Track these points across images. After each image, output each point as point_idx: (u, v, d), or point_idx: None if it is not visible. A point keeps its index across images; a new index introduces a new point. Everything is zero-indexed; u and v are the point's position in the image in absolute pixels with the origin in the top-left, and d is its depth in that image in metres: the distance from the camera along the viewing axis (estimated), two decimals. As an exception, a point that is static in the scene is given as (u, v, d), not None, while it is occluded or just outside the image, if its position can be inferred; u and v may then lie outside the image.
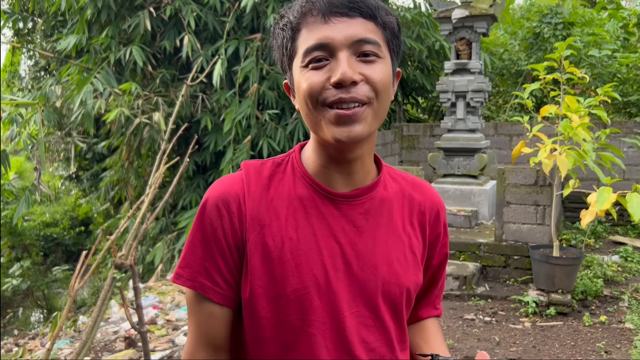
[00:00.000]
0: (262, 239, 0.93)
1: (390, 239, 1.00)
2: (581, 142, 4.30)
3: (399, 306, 1.00)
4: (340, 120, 0.87)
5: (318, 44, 0.88)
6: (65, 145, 9.39)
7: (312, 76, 0.88)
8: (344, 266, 0.94)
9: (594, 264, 5.21)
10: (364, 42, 0.88)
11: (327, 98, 0.87)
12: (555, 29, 8.88)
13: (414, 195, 1.06)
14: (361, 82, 0.87)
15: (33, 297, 9.68)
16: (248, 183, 0.96)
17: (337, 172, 0.96)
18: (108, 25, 7.38)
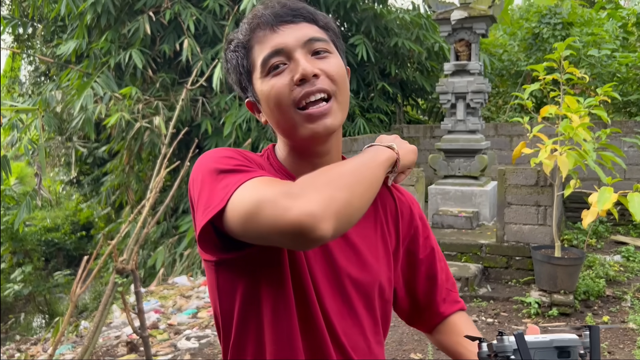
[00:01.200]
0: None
1: (364, 232, 1.03)
2: (581, 142, 4.29)
3: (371, 296, 1.02)
4: (313, 118, 0.91)
5: (273, 51, 0.93)
6: (65, 150, 9.40)
7: (276, 82, 0.93)
8: (321, 251, 0.97)
9: (595, 264, 5.20)
10: (315, 40, 0.95)
11: (295, 97, 0.91)
12: (554, 29, 8.89)
13: (385, 193, 1.10)
14: (322, 76, 0.92)
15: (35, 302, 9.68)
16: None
17: (310, 170, 0.95)
18: (108, 29, 7.39)
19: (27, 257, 9.94)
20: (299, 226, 0.74)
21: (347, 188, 0.80)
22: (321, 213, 0.75)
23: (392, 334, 4.20)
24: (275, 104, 0.93)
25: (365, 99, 8.66)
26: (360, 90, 8.54)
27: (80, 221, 12.02)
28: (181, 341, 4.36)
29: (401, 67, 8.94)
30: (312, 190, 0.78)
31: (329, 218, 0.75)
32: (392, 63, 8.63)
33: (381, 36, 8.39)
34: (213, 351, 4.16)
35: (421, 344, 3.97)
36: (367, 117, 8.35)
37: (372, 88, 8.68)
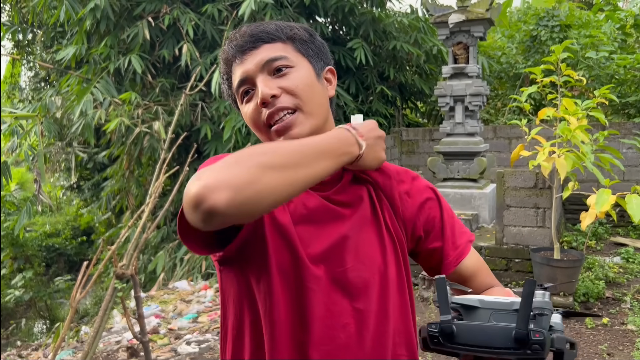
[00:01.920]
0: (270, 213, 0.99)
1: (364, 223, 1.05)
2: (579, 144, 4.31)
3: (369, 289, 1.03)
4: (280, 132, 0.99)
5: (240, 81, 1.04)
6: (66, 155, 9.42)
7: (247, 108, 1.04)
8: (330, 231, 1.01)
9: (595, 266, 5.21)
10: (272, 60, 1.01)
11: (263, 120, 1.01)
12: (552, 32, 8.91)
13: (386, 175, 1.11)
14: (282, 95, 0.99)
15: (36, 307, 9.68)
16: None
17: None
18: (107, 35, 7.42)
19: (27, 263, 9.95)
20: (194, 197, 0.77)
21: (258, 166, 0.79)
22: (214, 184, 0.76)
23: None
24: (252, 126, 1.04)
25: (364, 102, 8.68)
26: (359, 94, 8.56)
27: (81, 226, 12.03)
28: (181, 346, 4.37)
29: (400, 71, 8.96)
30: (219, 167, 0.79)
31: (223, 189, 0.75)
32: (391, 66, 8.65)
33: (379, 40, 8.42)
34: (213, 356, 4.17)
35: (421, 347, 3.97)
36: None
37: (371, 91, 8.70)
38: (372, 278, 1.02)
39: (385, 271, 1.03)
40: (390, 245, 1.06)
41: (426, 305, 4.81)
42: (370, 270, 1.02)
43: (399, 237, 1.08)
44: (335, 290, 0.99)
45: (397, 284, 1.06)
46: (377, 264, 1.03)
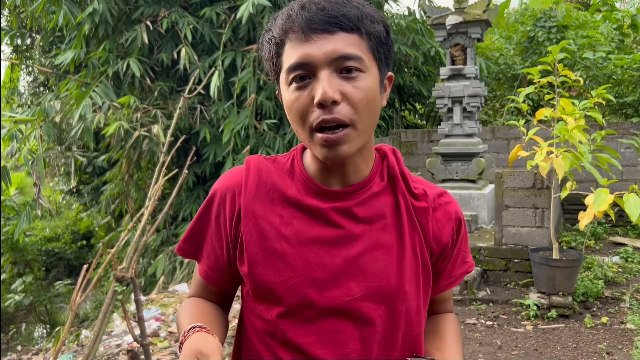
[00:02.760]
0: (258, 228, 0.98)
1: (388, 229, 1.00)
2: (577, 144, 4.32)
3: (362, 311, 1.00)
4: (327, 144, 0.89)
5: (299, 63, 0.89)
6: (65, 159, 9.42)
7: (296, 98, 0.90)
8: (339, 254, 0.97)
9: (594, 266, 5.22)
10: (345, 58, 0.88)
11: (312, 122, 0.89)
12: (549, 33, 8.94)
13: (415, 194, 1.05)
14: (343, 102, 0.88)
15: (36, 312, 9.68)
16: (247, 177, 1.02)
17: (329, 175, 0.99)
18: (105, 39, 7.43)
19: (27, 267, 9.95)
20: None
21: None
22: None
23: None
24: (294, 119, 0.93)
25: (363, 104, 8.69)
26: (358, 96, 8.57)
27: (81, 230, 12.03)
28: (182, 348, 4.37)
29: (398, 72, 8.99)
30: None
31: None
32: (389, 68, 8.67)
33: (377, 42, 8.44)
34: (214, 358, 4.17)
35: (421, 348, 3.98)
36: (364, 122, 8.37)
37: (369, 93, 8.71)
38: (380, 309, 0.97)
39: (397, 301, 0.98)
40: (411, 270, 1.00)
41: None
42: (380, 301, 0.97)
43: (426, 264, 1.03)
44: (338, 319, 0.96)
45: (414, 312, 1.01)
46: (390, 293, 0.98)
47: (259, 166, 1.04)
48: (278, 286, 0.96)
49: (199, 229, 1.08)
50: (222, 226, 1.03)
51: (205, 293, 1.12)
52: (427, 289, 1.04)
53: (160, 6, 7.27)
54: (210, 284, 1.09)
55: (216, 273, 1.07)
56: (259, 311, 1.00)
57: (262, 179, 1.02)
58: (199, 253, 1.09)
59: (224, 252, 1.04)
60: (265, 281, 0.97)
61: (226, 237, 1.03)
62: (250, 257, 0.98)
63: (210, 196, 1.06)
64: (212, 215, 1.05)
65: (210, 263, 1.06)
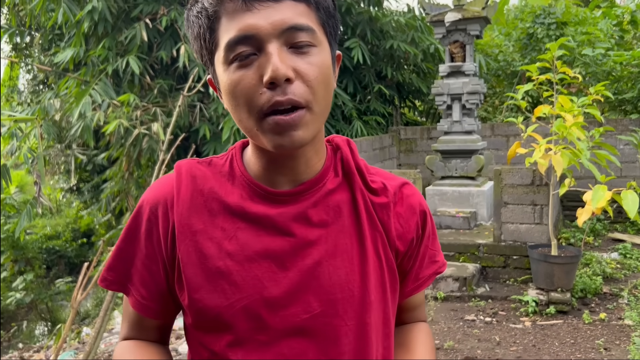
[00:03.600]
0: (196, 246, 0.84)
1: (346, 231, 0.88)
2: (575, 141, 4.34)
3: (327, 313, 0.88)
4: (280, 128, 0.76)
5: (241, 36, 0.75)
6: (65, 157, 9.45)
7: (240, 78, 0.76)
8: (293, 266, 0.85)
9: (593, 262, 5.24)
10: (296, 29, 0.76)
11: (262, 105, 0.75)
12: (548, 29, 8.94)
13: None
14: (297, 81, 0.76)
15: (37, 310, 9.71)
16: (178, 186, 0.87)
17: (278, 174, 0.87)
18: (105, 37, 7.44)
19: (28, 265, 9.98)
20: None
21: None
22: None
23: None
24: (238, 104, 0.78)
25: (362, 101, 8.71)
26: (357, 93, 8.59)
27: (81, 228, 12.05)
28: (182, 345, 4.40)
29: (397, 70, 8.99)
30: None
31: None
32: (388, 65, 8.68)
33: (377, 39, 8.45)
34: (214, 355, 4.19)
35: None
36: (364, 119, 8.40)
37: (368, 90, 8.73)
38: (346, 325, 0.85)
39: (363, 311, 0.87)
40: (375, 276, 0.89)
41: (425, 303, 4.83)
42: (345, 315, 0.85)
43: (391, 268, 0.91)
44: (298, 341, 0.84)
45: (382, 324, 0.91)
46: (355, 304, 0.86)
47: (192, 172, 0.88)
48: (225, 311, 0.83)
49: (127, 253, 0.90)
50: (157, 246, 0.87)
51: (142, 331, 0.95)
52: (394, 295, 0.93)
53: (159, 4, 7.28)
54: (148, 317, 0.92)
55: (155, 302, 0.90)
56: (206, 343, 0.86)
57: (197, 186, 0.87)
58: (127, 282, 0.91)
59: (162, 276, 0.88)
60: (209, 306, 0.83)
61: (162, 259, 0.87)
62: (189, 281, 0.84)
63: (136, 212, 0.90)
64: (142, 234, 0.88)
65: (146, 291, 0.89)
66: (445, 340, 4.05)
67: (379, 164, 7.91)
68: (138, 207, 0.90)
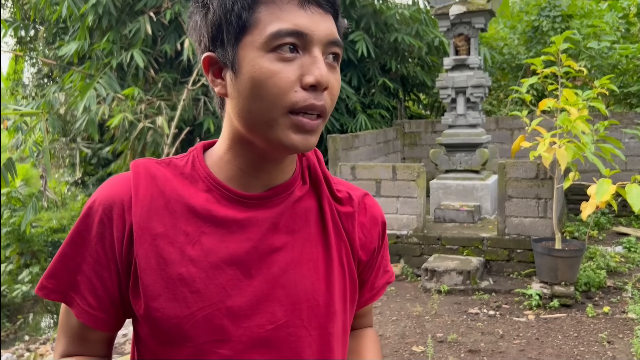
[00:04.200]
0: (156, 251, 0.79)
1: (313, 239, 0.88)
2: (580, 134, 4.33)
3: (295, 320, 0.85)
4: (302, 129, 0.76)
5: (295, 31, 0.74)
6: (70, 151, 9.48)
7: (278, 70, 0.74)
8: (258, 274, 0.82)
9: (597, 256, 5.24)
10: (335, 44, 0.78)
11: (297, 102, 0.74)
12: (553, 22, 8.90)
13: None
14: (326, 92, 0.77)
15: (42, 302, 9.77)
16: (136, 186, 0.82)
17: (253, 177, 0.84)
18: (109, 30, 7.45)
19: (34, 258, 10.04)
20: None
21: None
22: None
23: (394, 327, 4.26)
24: (267, 94, 0.75)
25: (366, 95, 8.70)
26: (361, 87, 8.58)
27: (86, 221, 12.11)
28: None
29: (401, 63, 8.97)
30: None
31: None
32: (393, 59, 8.66)
33: (381, 32, 8.42)
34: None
35: (423, 337, 4.02)
36: (368, 113, 8.39)
37: (372, 84, 8.72)
38: (310, 335, 0.84)
39: (327, 321, 0.86)
40: (339, 286, 0.88)
41: (429, 296, 4.85)
42: (309, 325, 0.84)
43: (353, 278, 0.91)
44: (261, 353, 0.81)
45: (342, 334, 0.90)
46: (319, 314, 0.85)
47: (151, 172, 0.83)
48: (185, 321, 0.78)
49: (73, 259, 0.82)
50: (109, 251, 0.81)
51: (85, 345, 0.87)
52: (353, 304, 0.93)
53: (163, -3, 7.28)
54: (95, 327, 0.84)
55: (104, 312, 0.83)
56: (161, 355, 0.81)
57: (158, 187, 0.82)
58: (70, 291, 0.83)
59: (115, 283, 0.82)
60: (168, 316, 0.78)
61: (115, 265, 0.81)
62: (147, 288, 0.78)
63: (85, 213, 0.82)
64: (93, 237, 0.81)
65: (95, 300, 0.82)
66: (449, 333, 4.06)
67: (383, 158, 7.91)
68: (87, 208, 0.82)
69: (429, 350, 3.69)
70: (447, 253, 5.50)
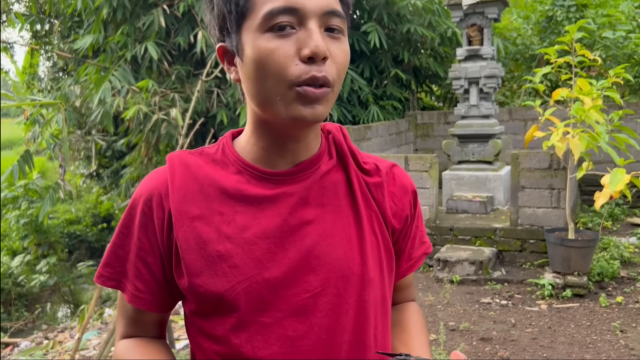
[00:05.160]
0: (194, 232, 0.85)
1: (343, 211, 0.90)
2: (593, 124, 4.31)
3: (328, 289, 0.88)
4: (308, 99, 0.78)
5: (286, 7, 0.76)
6: (85, 143, 9.59)
7: (276, 47, 0.77)
8: (291, 246, 0.86)
9: (610, 246, 5.22)
10: (334, 14, 0.79)
11: (298, 76, 0.77)
12: (568, 12, 8.81)
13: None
14: (329, 61, 0.79)
15: (60, 292, 9.93)
16: (172, 175, 0.88)
17: (279, 156, 0.88)
18: (123, 23, 7.51)
19: (51, 249, 10.19)
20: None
21: None
22: None
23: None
24: (269, 72, 0.78)
25: (379, 86, 8.69)
26: (374, 78, 8.57)
27: (101, 213, 12.25)
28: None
29: (414, 54, 8.94)
30: None
31: None
32: (405, 50, 8.64)
33: (393, 23, 8.40)
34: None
35: (435, 325, 4.05)
36: (380, 104, 8.39)
37: (385, 75, 8.71)
38: (346, 303, 0.87)
39: (362, 289, 0.88)
40: (373, 254, 0.90)
41: (441, 286, 4.87)
42: (345, 293, 0.87)
43: (387, 247, 0.94)
44: (301, 321, 0.85)
45: (381, 302, 0.92)
46: (355, 282, 0.88)
47: (185, 161, 0.90)
48: (227, 294, 0.83)
49: (122, 248, 0.91)
50: (152, 237, 0.88)
51: (140, 327, 0.95)
52: (390, 274, 0.95)
53: (176, -10, 7.32)
54: (146, 309, 0.91)
55: (152, 295, 0.90)
56: (208, 329, 0.87)
57: (191, 174, 0.88)
58: (122, 278, 0.91)
59: (159, 267, 0.89)
60: (211, 291, 0.84)
61: (158, 250, 0.88)
62: (189, 266, 0.84)
63: (130, 206, 0.90)
64: (136, 227, 0.89)
65: (142, 284, 0.90)
66: (461, 322, 4.09)
67: (395, 149, 7.92)
68: (132, 202, 0.90)
69: (441, 337, 3.73)
70: (460, 243, 5.51)
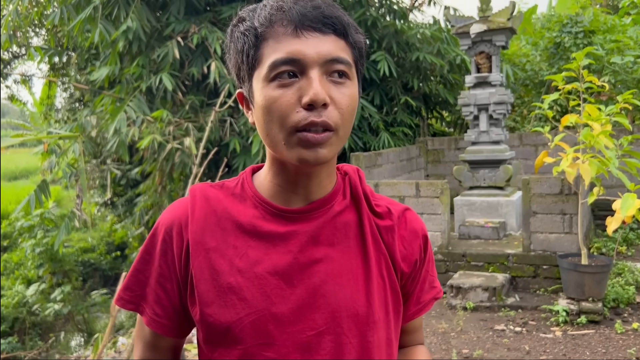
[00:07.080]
0: (209, 263, 0.90)
1: (352, 252, 0.94)
2: (603, 149, 4.33)
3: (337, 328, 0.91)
4: (309, 144, 0.83)
5: (288, 59, 0.83)
6: (100, 172, 9.75)
7: (280, 95, 0.83)
8: (300, 283, 0.89)
9: (625, 271, 5.18)
10: (337, 61, 0.84)
11: (298, 122, 0.82)
12: (575, 38, 8.89)
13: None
14: (331, 106, 0.83)
15: (73, 321, 9.97)
16: (193, 207, 0.94)
17: (293, 192, 0.92)
18: (139, 55, 7.70)
19: (66, 277, 10.27)
20: None
21: None
22: None
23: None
24: (272, 119, 0.84)
25: (389, 113, 8.78)
26: (384, 105, 8.67)
27: (115, 241, 12.35)
28: None
29: (424, 81, 9.05)
30: None
31: None
32: (415, 77, 8.75)
33: (403, 51, 8.53)
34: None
35: (448, 353, 4.02)
36: (391, 131, 8.46)
37: (395, 102, 8.80)
38: (350, 343, 0.90)
39: (367, 330, 0.91)
40: (379, 296, 0.93)
41: (454, 313, 4.85)
42: (349, 333, 0.90)
43: (395, 290, 0.96)
44: (302, 357, 0.88)
45: (385, 344, 0.94)
46: (359, 322, 0.90)
47: (205, 194, 0.95)
48: (234, 325, 0.87)
49: (142, 273, 0.96)
50: (171, 265, 0.93)
51: (156, 352, 1.00)
52: (397, 317, 0.98)
53: (190, 22, 7.51)
54: (162, 334, 0.96)
55: (169, 320, 0.95)
56: (216, 358, 0.90)
57: (211, 207, 0.93)
58: (142, 301, 0.96)
59: (176, 293, 0.94)
60: (219, 321, 0.88)
61: (176, 277, 0.93)
62: (201, 296, 0.89)
63: (152, 234, 0.96)
64: (157, 254, 0.94)
65: (160, 309, 0.95)
66: (475, 350, 4.06)
67: (406, 175, 7.95)
68: (154, 230, 0.96)
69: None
70: (472, 270, 5.49)
